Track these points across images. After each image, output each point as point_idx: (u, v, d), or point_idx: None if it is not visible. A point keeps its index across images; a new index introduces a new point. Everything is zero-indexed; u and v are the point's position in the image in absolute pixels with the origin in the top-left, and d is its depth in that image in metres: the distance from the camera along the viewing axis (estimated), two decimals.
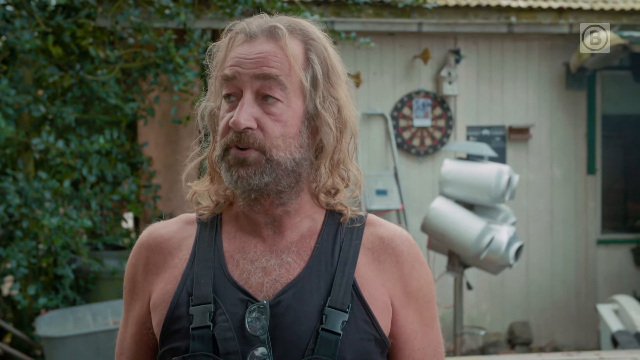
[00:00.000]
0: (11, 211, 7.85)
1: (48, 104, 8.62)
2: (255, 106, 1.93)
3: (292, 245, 2.00)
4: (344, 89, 2.00)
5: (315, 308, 1.92)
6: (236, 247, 2.01)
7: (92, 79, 8.72)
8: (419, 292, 2.03)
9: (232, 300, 1.94)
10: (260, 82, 1.93)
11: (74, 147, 8.31)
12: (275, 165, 1.93)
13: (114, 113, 9.19)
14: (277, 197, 1.98)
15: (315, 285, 1.94)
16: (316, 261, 1.98)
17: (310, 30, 2.00)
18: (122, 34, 8.87)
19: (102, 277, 8.67)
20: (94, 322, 7.83)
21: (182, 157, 9.03)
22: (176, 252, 2.06)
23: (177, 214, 8.35)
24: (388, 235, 2.04)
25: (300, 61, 1.95)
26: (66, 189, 8.25)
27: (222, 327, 1.91)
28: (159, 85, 9.16)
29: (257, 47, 1.95)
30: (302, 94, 1.95)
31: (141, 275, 2.08)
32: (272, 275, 1.96)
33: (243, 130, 1.92)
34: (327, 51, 1.99)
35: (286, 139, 1.93)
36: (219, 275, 1.97)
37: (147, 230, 2.15)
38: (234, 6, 9.00)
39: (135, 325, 2.11)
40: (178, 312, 1.96)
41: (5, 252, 7.80)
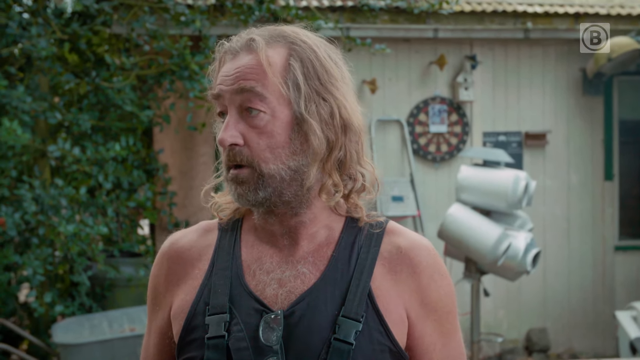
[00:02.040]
0: (27, 218, 7.86)
1: (64, 111, 8.63)
2: (241, 122, 1.94)
3: (308, 256, 1.99)
4: (342, 89, 1.98)
5: (328, 318, 1.91)
6: (253, 257, 2.01)
7: (108, 86, 8.74)
8: (437, 304, 2.01)
9: (248, 310, 1.94)
10: (240, 97, 1.93)
11: (90, 154, 8.32)
12: (268, 178, 1.93)
13: (129, 120, 9.20)
14: (287, 208, 1.97)
15: (330, 295, 1.94)
16: (332, 270, 1.97)
17: (294, 35, 1.99)
18: (137, 41, 8.88)
19: (118, 284, 8.67)
20: (110, 329, 7.82)
21: (198, 163, 9.04)
22: (197, 263, 2.07)
23: (193, 221, 8.41)
24: (406, 245, 2.02)
25: (278, 68, 1.94)
26: (82, 196, 8.25)
27: (237, 337, 1.92)
28: (175, 92, 9.17)
29: (237, 62, 1.96)
30: (288, 101, 1.93)
31: (163, 285, 2.10)
32: (287, 287, 1.95)
33: (230, 147, 1.94)
34: (315, 53, 1.97)
35: (274, 149, 1.92)
36: (235, 285, 1.98)
37: (168, 240, 2.16)
38: (249, 13, 9.01)
39: (157, 335, 2.13)
40: (195, 321, 1.98)
41: (22, 260, 7.81)
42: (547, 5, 10.06)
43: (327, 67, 1.97)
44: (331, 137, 1.95)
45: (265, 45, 1.95)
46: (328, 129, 1.94)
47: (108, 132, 9.23)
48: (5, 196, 8.06)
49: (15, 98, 7.80)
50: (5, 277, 7.99)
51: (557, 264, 10.17)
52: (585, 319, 10.29)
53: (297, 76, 1.93)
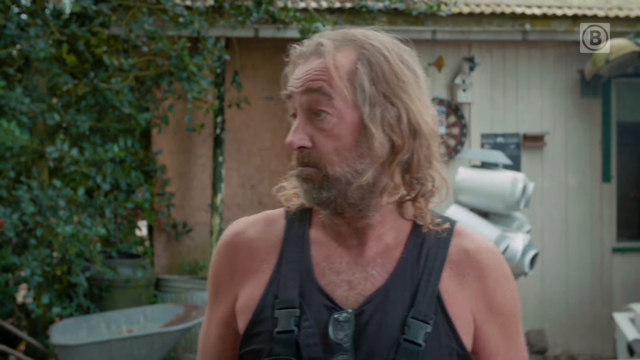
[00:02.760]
0: (25, 219, 7.86)
1: (62, 112, 8.64)
2: (309, 124, 1.95)
3: (377, 257, 1.99)
4: (413, 93, 1.97)
5: (398, 318, 1.91)
6: (323, 254, 2.01)
7: (106, 87, 8.74)
8: (503, 307, 2.01)
9: (318, 307, 1.94)
10: (308, 98, 1.94)
11: (88, 155, 8.32)
12: (333, 180, 1.93)
13: (127, 121, 9.20)
14: (354, 210, 1.97)
15: (399, 296, 1.94)
16: (401, 271, 1.97)
17: (364, 39, 1.98)
18: (136, 42, 8.89)
19: (116, 285, 8.67)
20: (108, 330, 7.82)
21: (196, 165, 9.07)
22: (264, 255, 2.06)
23: (191, 222, 8.40)
24: (473, 248, 2.02)
25: (345, 72, 1.93)
26: (80, 197, 8.26)
27: (307, 333, 1.92)
28: (173, 94, 9.18)
29: (307, 66, 1.97)
30: (354, 104, 1.93)
31: (227, 275, 2.09)
32: (357, 289, 1.95)
33: (299, 149, 1.95)
34: (385, 57, 1.96)
35: (341, 152, 1.93)
36: (305, 280, 1.98)
37: (232, 229, 2.15)
38: (247, 14, 9.01)
39: (219, 325, 2.12)
40: (263, 314, 1.97)
41: (20, 261, 7.81)
42: (545, 7, 10.07)
43: (397, 70, 1.95)
44: (397, 141, 1.93)
45: (333, 49, 1.95)
46: (393, 132, 1.93)
47: (106, 133, 9.23)
48: (3, 197, 8.06)
49: (14, 99, 7.80)
50: (3, 278, 7.99)
51: (555, 266, 10.17)
52: (583, 320, 10.29)
53: (364, 79, 1.93)
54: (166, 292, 9.10)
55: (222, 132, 9.48)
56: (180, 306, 8.22)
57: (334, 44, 1.97)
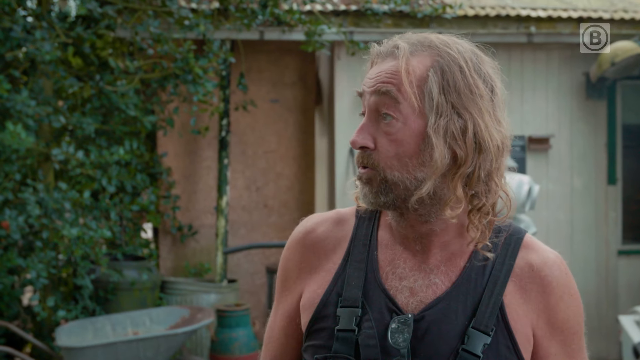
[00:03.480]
0: (31, 222, 7.87)
1: (68, 115, 8.65)
2: (374, 126, 1.95)
3: (441, 265, 1.98)
4: (484, 107, 1.96)
5: (458, 327, 1.91)
6: (387, 258, 2.02)
7: (112, 90, 8.75)
8: (564, 324, 2.01)
9: (379, 308, 1.95)
10: (376, 99, 1.94)
11: (93, 158, 8.33)
12: (391, 185, 1.93)
13: (133, 124, 9.21)
14: (415, 214, 1.96)
15: (461, 305, 1.93)
16: (465, 280, 1.96)
17: (442, 46, 1.97)
18: (141, 45, 8.90)
19: (121, 288, 8.67)
20: (114, 332, 7.83)
21: (202, 167, 9.04)
22: (331, 254, 2.08)
23: (196, 224, 8.38)
24: (538, 263, 2.00)
25: (416, 77, 1.92)
26: (86, 199, 8.27)
27: (367, 334, 1.93)
28: (178, 96, 9.19)
29: (381, 67, 1.97)
30: (421, 111, 1.91)
31: (294, 271, 2.12)
32: (419, 296, 1.95)
33: (361, 149, 1.95)
34: (460, 67, 1.94)
35: (402, 158, 1.91)
36: (370, 280, 1.99)
37: (302, 226, 2.17)
38: (253, 17, 9.02)
39: (284, 319, 2.15)
40: (325, 311, 1.99)
41: (26, 263, 7.81)
42: (551, 10, 10.06)
43: (470, 82, 1.94)
44: (460, 153, 1.90)
45: (408, 53, 1.94)
46: (457, 145, 1.90)
47: (112, 135, 9.24)
48: (9, 199, 8.07)
49: (19, 102, 7.81)
50: (9, 280, 8.00)
51: None
52: (589, 323, 10.19)
53: (433, 88, 1.91)
54: (172, 295, 9.11)
55: (227, 135, 9.49)
56: (185, 308, 8.23)
57: (410, 48, 1.96)
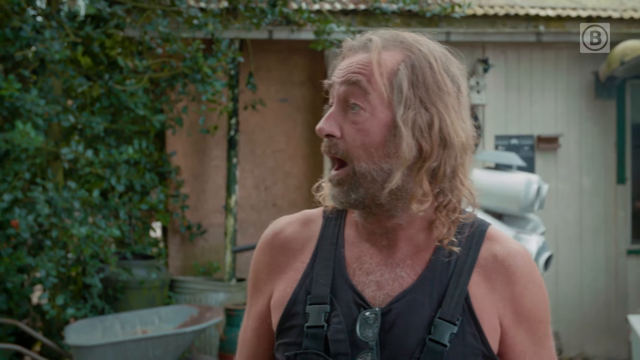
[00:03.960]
0: (40, 220, 7.89)
1: (77, 114, 8.66)
2: (342, 115, 1.98)
3: (407, 259, 2.02)
4: (450, 104, 1.98)
5: (425, 318, 1.95)
6: (354, 254, 2.05)
7: (121, 89, 8.76)
8: (530, 313, 2.04)
9: (347, 303, 1.98)
10: (345, 89, 1.98)
11: (102, 157, 8.34)
12: (360, 177, 1.96)
13: (142, 123, 9.22)
14: (382, 210, 2.00)
15: (427, 296, 1.97)
16: (430, 273, 1.99)
17: (414, 42, 2.02)
18: (150, 44, 8.91)
19: (130, 287, 8.69)
20: (123, 331, 7.84)
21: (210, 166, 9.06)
22: (299, 254, 2.11)
23: (205, 223, 8.40)
24: (502, 253, 2.03)
25: (387, 70, 1.96)
26: (95, 198, 8.28)
27: (336, 329, 1.96)
28: (187, 95, 9.20)
29: (352, 59, 2.01)
30: (389, 103, 1.95)
31: (264, 273, 2.15)
32: (385, 290, 1.99)
33: (328, 138, 1.98)
34: (430, 64, 1.99)
35: (368, 148, 1.94)
36: (337, 276, 2.02)
37: (271, 228, 2.20)
38: (262, 16, 9.02)
39: (256, 320, 2.18)
40: (295, 309, 2.03)
41: (35, 262, 7.83)
42: (560, 9, 10.05)
43: (438, 79, 1.98)
44: (425, 146, 1.94)
45: (380, 47, 1.98)
46: (423, 138, 1.94)
47: (121, 134, 9.26)
48: (18, 198, 8.09)
49: (29, 101, 7.83)
50: (19, 279, 8.02)
51: (569, 268, 10.15)
52: (598, 322, 10.27)
53: (403, 81, 1.95)
54: (180, 294, 9.12)
55: (236, 134, 9.50)
56: (194, 307, 8.24)
57: (382, 42, 2.00)
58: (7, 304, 8.26)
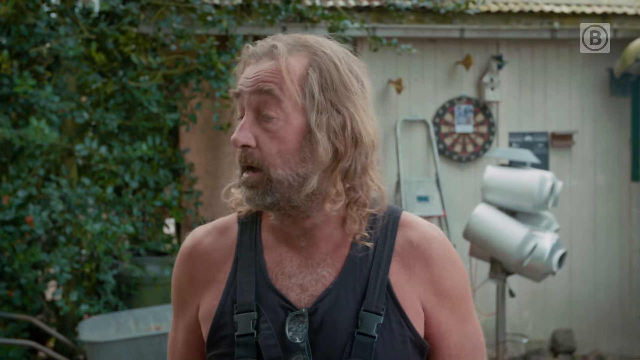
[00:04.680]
0: (55, 217, 7.91)
1: (91, 111, 8.68)
2: (256, 124, 1.99)
3: (327, 257, 2.04)
4: (358, 103, 2.01)
5: (350, 313, 1.98)
6: (274, 259, 2.07)
7: (135, 86, 8.77)
8: (450, 292, 2.07)
9: (274, 308, 2.00)
10: (257, 98, 1.98)
11: (116, 154, 8.36)
12: (276, 184, 1.97)
13: (156, 119, 9.23)
14: (297, 211, 2.01)
15: (350, 291, 2.00)
16: (350, 266, 2.02)
17: (317, 46, 2.03)
18: (164, 41, 8.91)
19: (144, 283, 8.71)
20: (136, 327, 7.86)
21: (224, 163, 9.04)
22: (221, 265, 2.12)
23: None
24: (417, 238, 2.07)
25: (296, 76, 1.98)
26: (109, 195, 8.29)
27: (265, 335, 1.98)
28: (201, 92, 9.20)
29: (259, 67, 2.01)
30: (302, 109, 1.97)
31: (187, 286, 2.16)
32: (309, 291, 2.01)
33: (243, 148, 1.99)
34: (336, 66, 2.01)
35: (284, 155, 1.96)
36: (260, 282, 2.04)
37: (189, 240, 2.21)
38: (276, 13, 9.02)
39: (185, 332, 2.19)
40: (223, 319, 2.04)
41: (49, 258, 7.85)
42: (574, 5, 10.02)
43: (345, 80, 2.00)
44: (340, 148, 1.98)
45: (286, 53, 1.99)
46: (337, 140, 1.97)
47: (135, 131, 9.27)
48: (32, 195, 8.11)
49: (43, 98, 7.85)
50: (33, 275, 8.04)
51: (583, 265, 10.13)
52: (612, 320, 10.24)
53: (314, 86, 1.97)
54: None
55: None
56: None
57: (287, 47, 2.01)
58: (21, 300, 8.29)
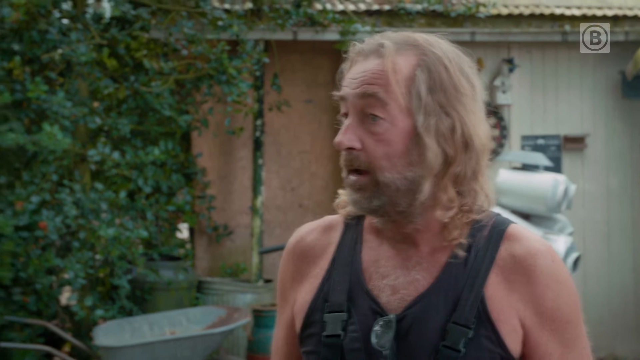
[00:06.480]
0: (68, 222, 7.92)
1: (104, 116, 8.70)
2: (361, 126, 1.93)
3: (423, 261, 1.97)
4: (469, 106, 1.95)
5: (439, 323, 1.90)
6: (372, 258, 2.02)
7: (147, 91, 8.79)
8: (554, 313, 1.96)
9: (364, 311, 1.95)
10: (362, 101, 1.92)
11: (129, 158, 8.38)
12: (383, 187, 1.91)
13: (168, 124, 9.25)
14: (401, 216, 1.96)
15: (442, 301, 1.92)
16: (446, 276, 1.94)
17: (426, 45, 1.96)
18: (175, 46, 8.93)
19: (158, 288, 8.72)
20: (151, 332, 7.87)
21: (236, 167, 9.07)
22: (318, 260, 2.09)
23: (231, 224, 8.42)
24: (521, 253, 1.96)
25: (403, 77, 1.91)
26: (122, 199, 8.31)
27: (352, 338, 1.94)
28: (213, 97, 9.22)
29: (364, 66, 1.94)
30: (409, 110, 1.90)
31: (289, 282, 2.15)
32: (400, 294, 1.95)
33: (348, 151, 1.93)
34: (445, 66, 1.94)
35: (391, 158, 1.90)
36: (354, 282, 1.99)
37: (294, 236, 2.19)
38: (286, 17, 9.03)
39: (285, 329, 2.17)
40: (313, 317, 2.02)
41: (63, 263, 7.87)
42: (585, 8, 10.01)
43: (455, 81, 1.94)
44: (450, 152, 1.91)
45: (394, 52, 1.93)
46: (447, 144, 1.90)
47: (147, 136, 9.29)
48: (46, 200, 8.13)
49: (56, 103, 7.87)
50: (47, 280, 8.06)
51: (597, 268, 10.10)
52: (627, 323, 10.21)
53: (421, 87, 1.90)
54: (208, 295, 9.14)
55: (261, 135, 9.52)
56: (222, 308, 8.25)
57: (395, 46, 1.94)
58: (37, 305, 8.31)
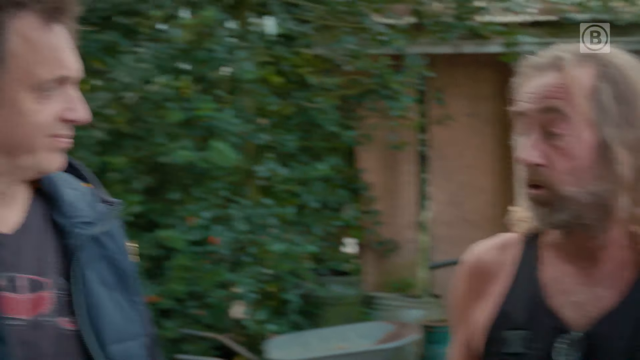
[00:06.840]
0: (238, 237, 8.03)
1: (271, 132, 8.82)
2: (543, 141, 1.88)
3: (607, 278, 1.90)
4: None
5: (627, 345, 1.83)
6: (551, 275, 1.97)
7: (311, 107, 8.88)
8: None
9: (546, 329, 1.91)
10: (544, 116, 1.87)
11: (296, 174, 8.46)
12: (567, 201, 1.86)
13: (333, 140, 9.32)
14: (584, 230, 1.90)
15: (632, 319, 1.84)
16: (636, 292, 1.87)
17: (605, 56, 1.91)
18: (337, 62, 8.99)
19: (327, 303, 8.76)
20: (320, 346, 7.92)
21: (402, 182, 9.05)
22: (496, 279, 2.05)
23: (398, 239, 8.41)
24: None
25: (585, 89, 1.85)
26: (290, 214, 8.39)
27: (534, 356, 1.90)
28: (376, 112, 9.24)
29: (543, 80, 1.90)
30: (592, 123, 1.84)
31: (464, 300, 2.12)
32: (584, 311, 1.88)
33: (530, 167, 1.89)
34: (627, 77, 1.87)
35: (576, 172, 1.85)
36: (535, 300, 1.95)
37: (470, 254, 2.15)
38: (448, 30, 9.00)
39: (461, 347, 2.14)
40: (493, 334, 1.98)
41: (236, 278, 7.99)
42: None
43: (638, 91, 1.87)
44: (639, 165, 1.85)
45: (573, 64, 1.89)
46: (637, 157, 1.85)
47: (313, 151, 9.38)
48: (217, 215, 8.28)
49: (225, 120, 8.02)
50: (220, 294, 8.21)
51: None
52: None
53: (604, 99, 1.85)
54: (376, 310, 9.14)
55: (426, 149, 9.49)
56: (390, 324, 8.21)
57: (574, 58, 1.90)
58: (211, 318, 8.45)
